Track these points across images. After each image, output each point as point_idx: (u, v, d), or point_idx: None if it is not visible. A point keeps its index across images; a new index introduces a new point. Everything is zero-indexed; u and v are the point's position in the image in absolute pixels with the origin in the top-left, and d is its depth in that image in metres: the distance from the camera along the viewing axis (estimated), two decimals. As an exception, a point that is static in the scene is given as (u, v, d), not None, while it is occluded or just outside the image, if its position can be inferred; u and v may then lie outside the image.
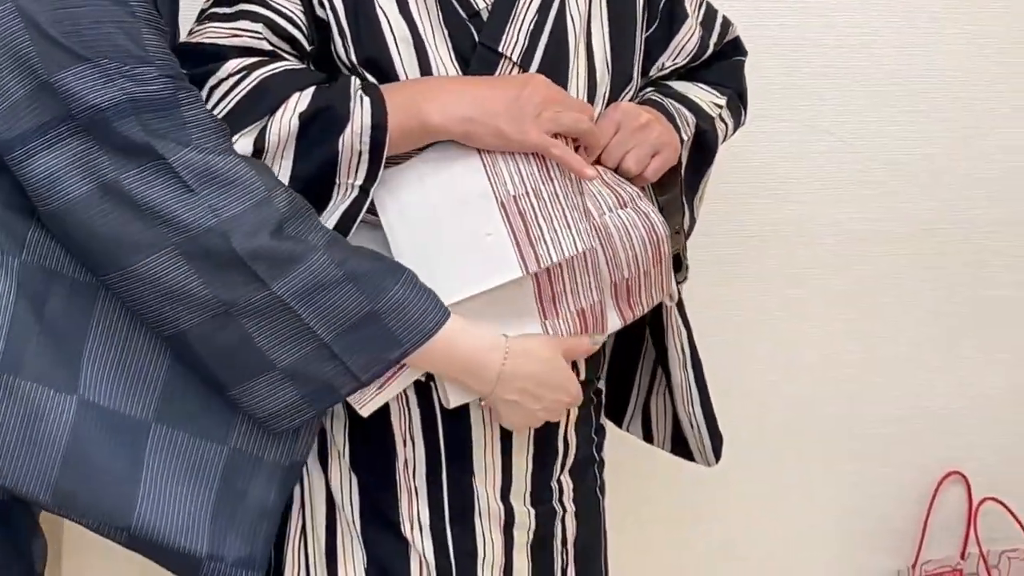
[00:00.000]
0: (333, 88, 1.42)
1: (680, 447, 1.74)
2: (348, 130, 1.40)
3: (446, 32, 1.48)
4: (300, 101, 1.41)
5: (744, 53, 1.76)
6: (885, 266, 2.31)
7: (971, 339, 2.38)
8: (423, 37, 1.48)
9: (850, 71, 2.22)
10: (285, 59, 1.47)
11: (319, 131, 1.40)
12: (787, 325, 2.30)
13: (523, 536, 1.57)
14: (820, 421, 2.34)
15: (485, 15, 1.50)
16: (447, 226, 1.44)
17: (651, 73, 1.64)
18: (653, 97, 1.62)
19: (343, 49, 1.47)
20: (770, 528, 2.34)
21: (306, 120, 1.40)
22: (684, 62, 1.66)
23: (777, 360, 2.30)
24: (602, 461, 1.69)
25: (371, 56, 1.47)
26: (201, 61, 1.43)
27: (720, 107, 1.68)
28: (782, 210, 2.25)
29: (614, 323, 1.52)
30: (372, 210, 1.45)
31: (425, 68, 1.47)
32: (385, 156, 1.41)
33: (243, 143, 1.40)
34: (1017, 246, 2.37)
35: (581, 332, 1.48)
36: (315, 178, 1.41)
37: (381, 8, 1.47)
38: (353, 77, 1.45)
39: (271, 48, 1.46)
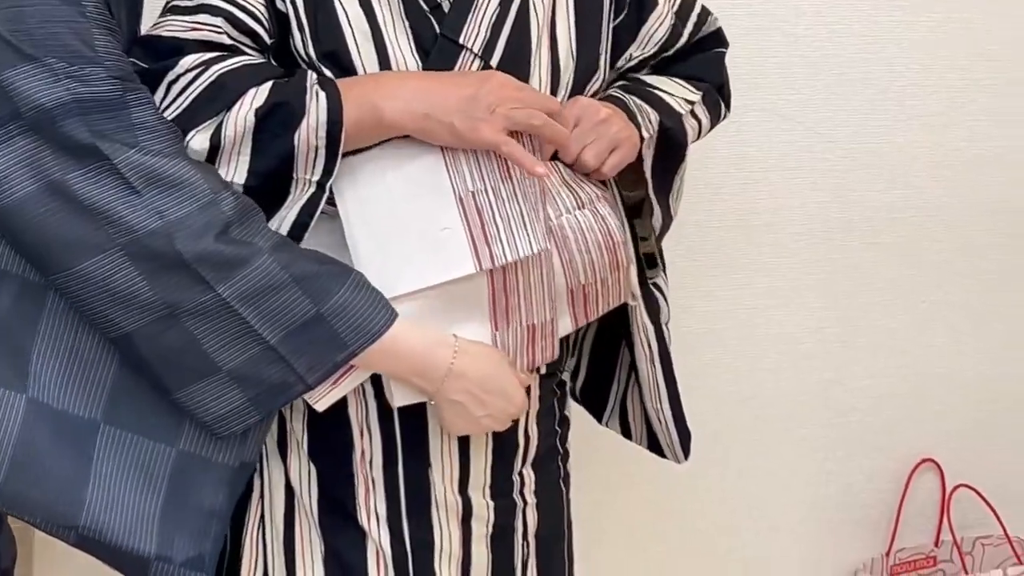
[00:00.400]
0: (290, 83, 1.42)
1: (654, 444, 1.74)
2: (304, 125, 1.40)
3: (407, 24, 1.49)
4: (257, 97, 1.41)
5: (725, 45, 1.74)
6: (855, 254, 2.32)
7: (942, 326, 2.39)
8: (383, 30, 1.48)
9: (819, 59, 2.22)
10: (245, 53, 1.47)
11: (275, 126, 1.40)
12: (757, 315, 2.30)
13: (482, 528, 1.57)
14: (791, 410, 2.34)
15: (447, 7, 1.50)
16: (404, 219, 1.44)
17: (619, 64, 1.63)
18: (615, 93, 1.62)
19: (301, 43, 1.47)
20: (742, 519, 2.35)
21: (262, 116, 1.40)
22: (653, 51, 1.65)
23: (747, 350, 2.31)
24: (566, 452, 1.69)
25: (330, 50, 1.47)
26: (159, 55, 1.44)
27: (692, 103, 1.66)
28: (751, 200, 2.25)
29: (565, 327, 1.53)
30: (331, 200, 1.45)
31: (384, 61, 1.47)
32: (342, 151, 1.41)
33: (199, 139, 1.40)
34: (986, 233, 2.37)
35: (529, 348, 1.50)
36: (272, 173, 1.41)
37: (340, 2, 1.48)
38: (310, 72, 1.45)
39: (231, 42, 1.46)
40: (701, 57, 1.71)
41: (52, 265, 1.32)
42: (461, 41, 1.49)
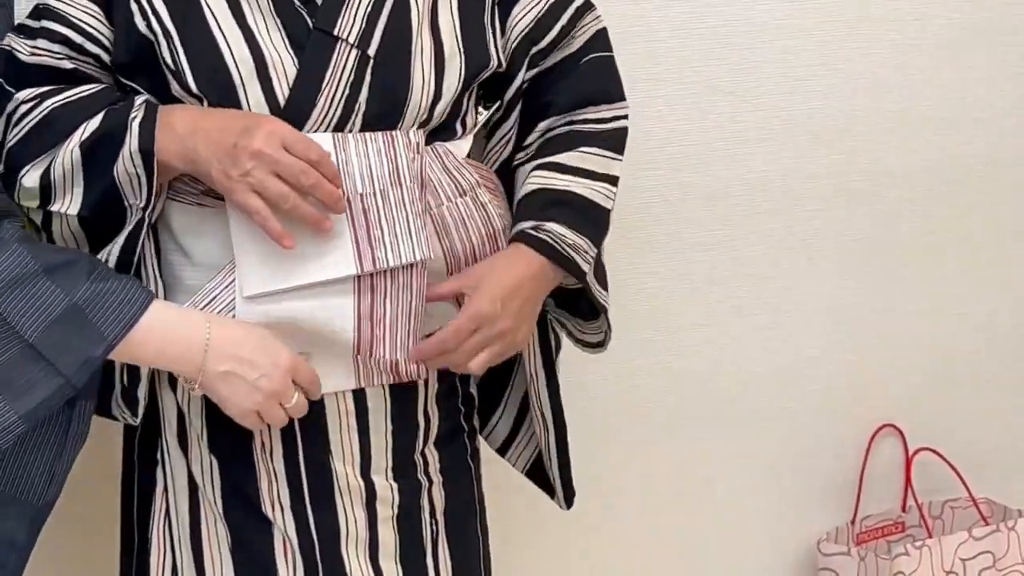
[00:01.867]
0: (117, 112, 1.45)
1: (537, 476, 1.74)
2: (121, 154, 1.43)
3: (278, 21, 1.49)
4: (86, 130, 1.45)
5: (610, 49, 1.68)
6: (799, 223, 2.30)
7: (891, 289, 2.37)
8: (253, 30, 1.48)
9: (748, 28, 2.20)
10: (88, 76, 1.50)
11: (101, 157, 1.44)
12: (706, 287, 2.28)
13: (387, 510, 1.57)
14: (745, 381, 2.32)
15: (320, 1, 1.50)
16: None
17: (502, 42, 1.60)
18: (543, 237, 1.55)
19: (169, 53, 1.47)
20: (701, 492, 2.33)
21: (87, 148, 1.44)
22: (517, 42, 1.61)
23: (693, 321, 2.29)
24: (473, 429, 1.69)
25: (199, 52, 1.47)
26: (5, 76, 1.48)
27: (616, 178, 1.63)
28: (689, 175, 2.23)
29: (451, 314, 1.53)
30: (219, 195, 1.46)
31: (259, 60, 1.47)
32: (158, 179, 1.43)
33: (31, 177, 1.45)
34: (927, 193, 2.35)
35: (393, 375, 1.52)
36: (104, 203, 1.45)
37: (207, 4, 1.48)
38: (137, 99, 1.47)
39: (72, 66, 1.50)
40: (590, 70, 1.64)
41: None
42: (336, 32, 1.49)
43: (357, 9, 1.50)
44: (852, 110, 2.28)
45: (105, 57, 1.51)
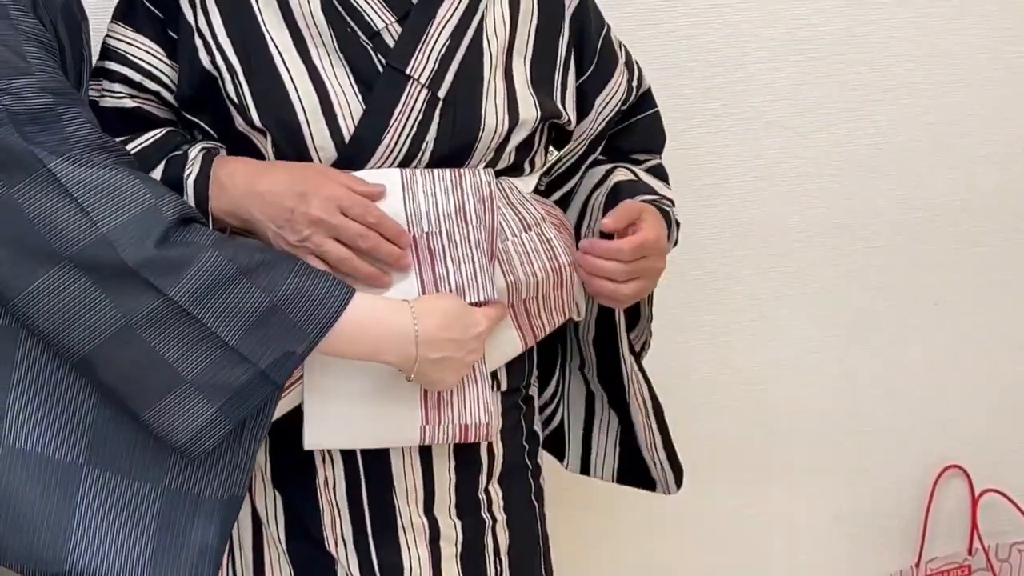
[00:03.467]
0: (175, 164, 1.46)
1: (630, 477, 1.75)
2: None
3: (342, 57, 1.48)
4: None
5: (655, 105, 1.75)
6: (860, 258, 2.28)
7: (956, 328, 2.34)
8: (319, 68, 1.48)
9: (802, 62, 2.19)
10: (149, 113, 1.52)
11: None
12: (766, 325, 2.27)
13: (451, 548, 1.56)
14: (806, 422, 2.30)
15: (388, 37, 1.49)
16: None
17: (589, 119, 1.64)
18: (661, 205, 1.62)
19: (234, 89, 1.47)
20: (764, 533, 2.31)
21: None
22: (615, 107, 1.66)
23: (757, 363, 2.27)
24: (537, 467, 1.67)
25: (264, 90, 1.47)
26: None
27: (673, 204, 1.69)
28: (746, 210, 2.22)
29: (516, 347, 1.54)
30: None
31: (324, 98, 1.46)
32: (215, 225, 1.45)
33: None
34: (996, 231, 2.32)
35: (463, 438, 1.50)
36: None
37: (273, 40, 1.48)
38: (191, 151, 1.47)
39: (135, 104, 1.51)
40: (644, 127, 1.73)
41: (10, 288, 1.31)
42: (408, 71, 1.48)
43: (432, 50, 1.50)
44: (914, 144, 2.26)
45: (166, 95, 1.52)
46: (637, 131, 1.72)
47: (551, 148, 1.66)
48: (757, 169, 2.20)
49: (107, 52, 1.53)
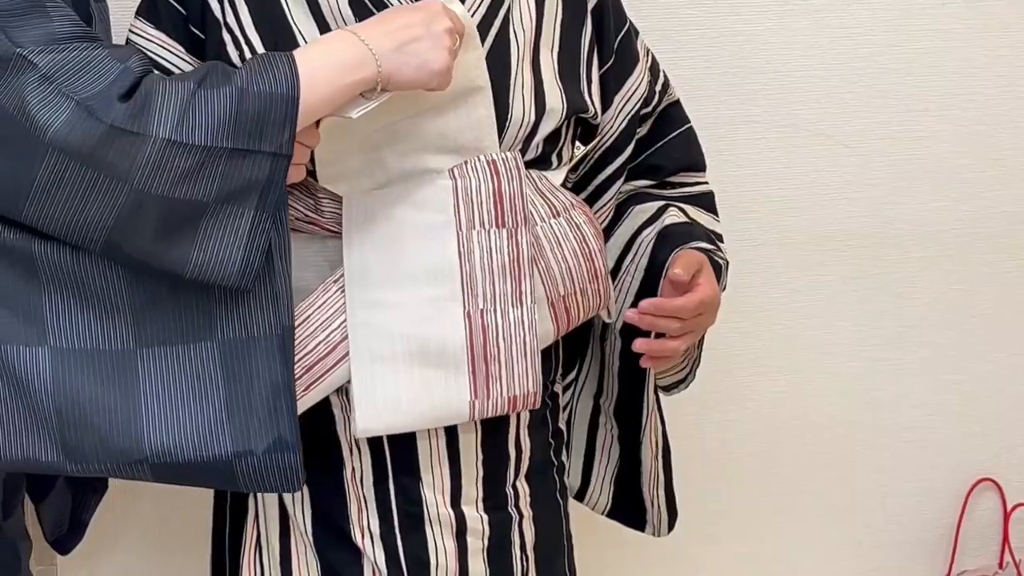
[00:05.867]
0: None
1: (622, 514, 1.76)
2: None
3: None
4: None
5: (688, 120, 1.76)
6: (897, 268, 2.26)
7: (993, 340, 2.32)
8: None
9: (845, 71, 2.19)
10: None
11: None
12: (801, 333, 2.26)
13: (477, 543, 1.56)
14: (840, 432, 2.29)
15: None
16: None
17: (609, 113, 1.64)
18: (715, 257, 1.63)
19: (235, 22, 1.49)
20: (791, 544, 2.30)
21: None
22: (635, 105, 1.66)
23: (790, 371, 2.27)
24: (562, 465, 1.67)
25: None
26: None
27: (721, 237, 1.71)
28: (785, 217, 2.21)
29: (548, 336, 1.54)
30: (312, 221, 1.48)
31: None
32: None
33: None
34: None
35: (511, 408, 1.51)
36: None
37: (302, 34, 1.48)
38: None
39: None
40: (680, 144, 1.73)
41: (19, 195, 1.31)
42: None
43: None
44: (957, 155, 2.24)
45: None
46: (674, 148, 1.73)
47: (578, 143, 1.65)
48: (797, 177, 2.20)
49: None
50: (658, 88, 1.71)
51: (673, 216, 1.66)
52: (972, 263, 2.29)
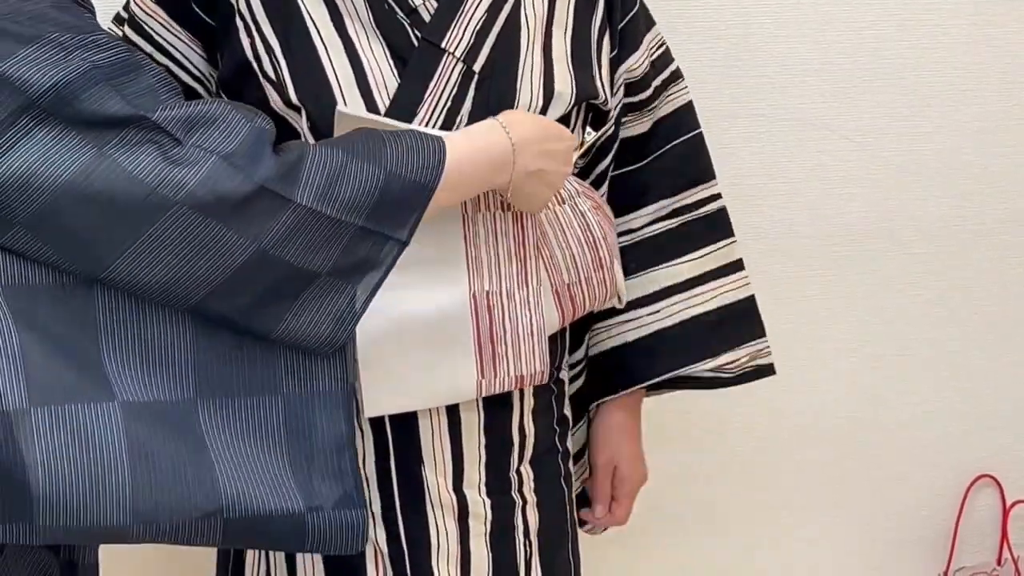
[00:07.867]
0: None
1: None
2: None
3: (379, 33, 1.49)
4: None
5: (698, 124, 1.73)
6: (900, 265, 2.27)
7: (993, 338, 2.33)
8: (353, 39, 1.49)
9: (850, 66, 2.19)
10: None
11: None
12: (802, 327, 2.26)
13: (480, 526, 1.56)
14: (840, 428, 2.29)
15: (424, 13, 1.51)
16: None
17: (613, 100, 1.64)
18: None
19: (272, 67, 1.49)
20: (791, 538, 2.30)
21: None
22: (622, 95, 1.66)
23: (791, 367, 2.26)
24: (566, 451, 1.67)
25: (302, 64, 1.48)
26: None
27: (740, 262, 1.77)
28: (788, 213, 2.22)
29: (552, 324, 1.55)
30: None
31: (358, 69, 1.48)
32: None
33: None
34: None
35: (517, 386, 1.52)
36: None
37: (311, 18, 1.49)
38: None
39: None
40: (688, 151, 1.71)
41: (111, 248, 1.25)
42: (443, 45, 1.50)
43: (468, 24, 1.51)
44: (961, 151, 2.25)
45: (199, 89, 1.54)
46: (673, 156, 1.70)
47: (589, 129, 1.65)
48: (800, 172, 2.20)
49: (133, 22, 1.54)
50: (656, 83, 1.69)
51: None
52: (974, 259, 2.30)
